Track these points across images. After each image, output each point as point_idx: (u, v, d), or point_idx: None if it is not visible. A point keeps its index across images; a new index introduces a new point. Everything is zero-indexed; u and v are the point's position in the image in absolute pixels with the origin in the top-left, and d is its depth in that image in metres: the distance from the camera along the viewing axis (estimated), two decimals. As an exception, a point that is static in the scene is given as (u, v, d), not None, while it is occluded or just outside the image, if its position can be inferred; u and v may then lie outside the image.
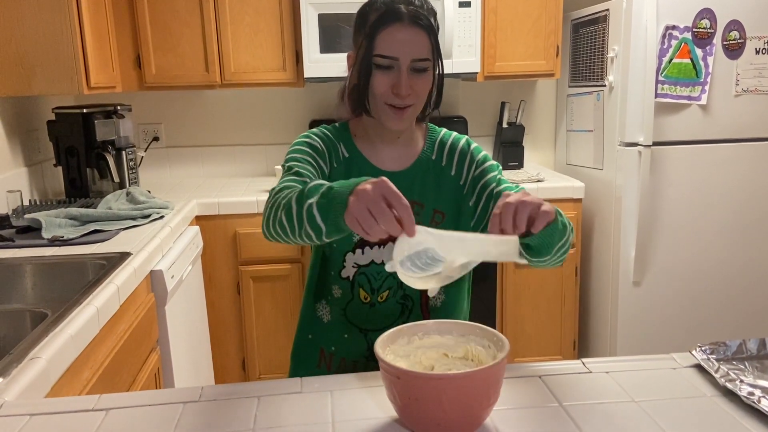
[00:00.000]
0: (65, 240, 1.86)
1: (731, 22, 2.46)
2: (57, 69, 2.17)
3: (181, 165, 3.14)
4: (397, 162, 1.23)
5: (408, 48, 1.10)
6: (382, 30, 1.10)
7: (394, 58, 1.11)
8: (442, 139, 1.27)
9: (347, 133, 1.26)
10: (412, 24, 1.10)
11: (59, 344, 1.16)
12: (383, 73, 1.12)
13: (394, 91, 1.12)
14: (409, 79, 1.12)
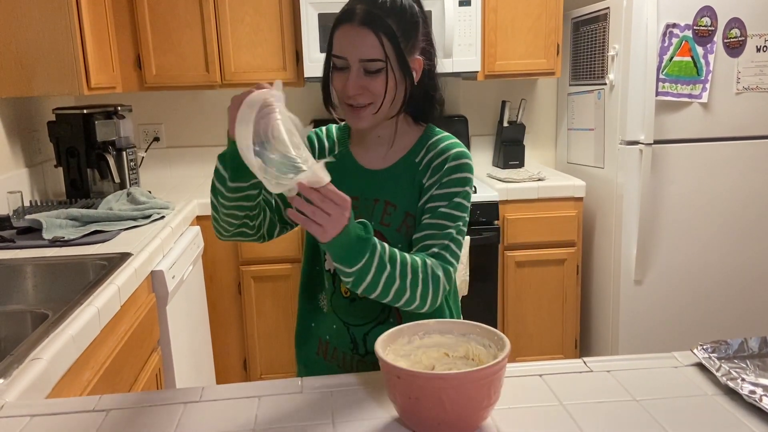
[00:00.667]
0: (66, 241, 1.86)
1: (732, 19, 2.46)
2: (57, 70, 2.17)
3: (181, 165, 3.14)
4: (379, 161, 1.23)
5: (357, 48, 1.10)
6: (336, 30, 1.13)
7: (343, 57, 1.11)
8: (434, 144, 1.21)
9: (347, 133, 1.28)
10: (362, 25, 1.09)
11: (60, 345, 1.16)
12: (338, 73, 1.13)
13: (344, 90, 1.13)
14: (362, 79, 1.11)
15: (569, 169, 3.08)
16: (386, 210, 1.20)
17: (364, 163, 1.24)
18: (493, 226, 2.62)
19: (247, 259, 2.60)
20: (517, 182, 2.72)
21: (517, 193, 2.67)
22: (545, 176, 2.80)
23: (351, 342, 1.25)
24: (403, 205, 1.20)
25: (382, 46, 1.09)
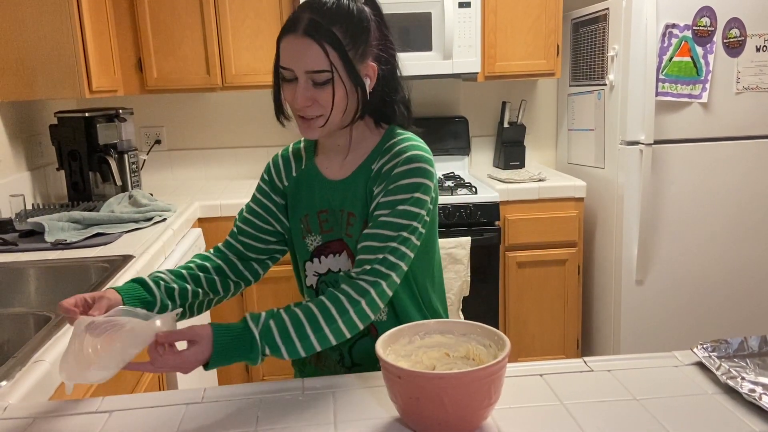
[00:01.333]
0: (68, 243, 1.86)
1: (731, 19, 2.46)
2: (59, 73, 2.18)
3: (183, 167, 3.15)
4: (340, 171, 1.20)
5: (301, 60, 1.06)
6: (281, 40, 1.09)
7: (289, 69, 1.08)
8: (389, 148, 1.15)
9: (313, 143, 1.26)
10: (305, 35, 1.05)
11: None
12: (287, 84, 1.10)
13: (292, 102, 1.11)
14: (310, 90, 1.07)
15: (570, 170, 3.08)
16: (349, 221, 1.17)
17: (327, 173, 1.21)
18: (494, 226, 2.62)
19: (248, 261, 2.60)
20: (518, 183, 2.72)
21: (517, 194, 2.67)
22: (546, 177, 2.81)
23: (338, 354, 1.24)
24: (361, 214, 1.15)
25: (328, 57, 1.05)
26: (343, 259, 1.20)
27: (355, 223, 1.16)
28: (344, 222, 1.18)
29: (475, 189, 2.65)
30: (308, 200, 1.21)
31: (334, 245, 1.20)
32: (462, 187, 2.69)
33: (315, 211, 1.20)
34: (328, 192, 1.20)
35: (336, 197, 1.18)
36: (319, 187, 1.21)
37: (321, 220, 1.20)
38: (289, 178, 1.25)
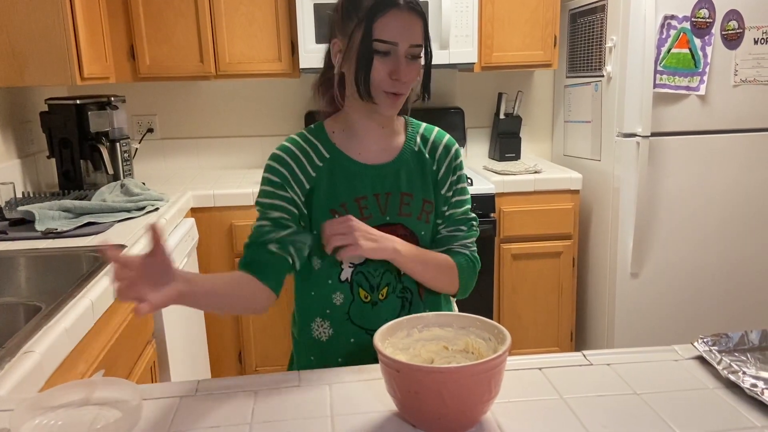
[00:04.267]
0: (59, 232, 1.84)
1: (730, 11, 2.45)
2: (50, 60, 2.14)
3: (175, 157, 3.11)
4: (381, 155, 1.22)
5: (406, 33, 1.10)
6: (381, 15, 1.09)
7: (394, 43, 1.10)
8: (424, 133, 1.27)
9: (323, 133, 1.23)
10: (409, 9, 1.10)
11: (53, 338, 1.15)
12: (381, 60, 1.11)
13: (394, 77, 1.11)
14: (406, 65, 1.12)
15: (566, 162, 3.07)
16: (403, 200, 1.20)
17: (363, 159, 1.21)
18: (489, 218, 2.61)
19: (241, 251, 2.57)
20: (514, 175, 2.71)
21: (513, 186, 2.66)
22: (542, 169, 2.79)
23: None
24: (420, 193, 1.22)
25: (424, 32, 1.12)
26: None
27: (412, 202, 1.21)
28: (395, 203, 1.20)
29: (471, 181, 2.64)
30: (345, 188, 1.19)
31: None
32: (458, 179, 2.67)
33: (353, 198, 1.19)
34: (371, 177, 1.20)
35: (381, 181, 1.20)
36: (360, 174, 1.20)
37: (361, 206, 1.19)
38: (315, 168, 1.20)
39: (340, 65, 1.16)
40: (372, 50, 1.10)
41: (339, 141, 1.22)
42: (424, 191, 1.22)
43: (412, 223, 1.21)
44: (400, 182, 1.21)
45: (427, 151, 1.24)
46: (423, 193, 1.22)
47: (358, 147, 1.22)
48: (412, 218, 1.21)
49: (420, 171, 1.23)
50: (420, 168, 1.23)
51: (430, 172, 1.24)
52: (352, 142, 1.22)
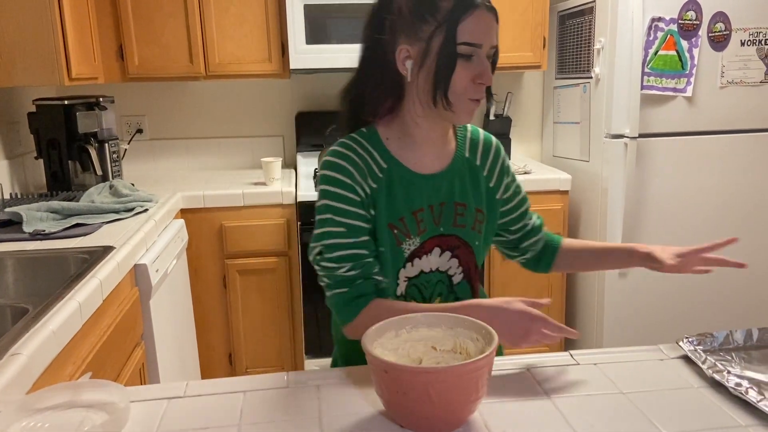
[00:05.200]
0: (47, 234, 1.82)
1: (717, 13, 2.47)
2: (37, 60, 2.13)
3: (165, 157, 3.10)
4: (435, 163, 1.16)
5: (487, 35, 1.05)
6: (465, 17, 1.03)
7: (478, 45, 1.04)
8: (472, 136, 1.22)
9: (379, 140, 1.15)
10: (489, 11, 1.05)
11: (41, 340, 1.14)
12: (465, 65, 1.05)
13: (478, 80, 1.05)
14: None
15: (555, 163, 3.08)
16: (457, 210, 1.17)
17: (417, 169, 1.15)
18: (479, 219, 2.61)
19: (232, 252, 2.58)
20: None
21: (503, 187, 2.66)
22: (531, 169, 2.81)
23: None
24: (472, 202, 1.18)
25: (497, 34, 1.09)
26: (434, 257, 1.16)
27: (465, 212, 1.17)
28: (450, 213, 1.16)
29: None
30: (405, 201, 1.13)
31: (427, 245, 1.15)
32: (447, 179, 2.68)
33: (410, 212, 1.14)
34: (427, 188, 1.15)
35: (436, 191, 1.15)
36: (417, 185, 1.14)
37: (418, 219, 1.14)
38: (376, 180, 1.12)
39: (416, 73, 1.08)
40: (456, 54, 1.04)
41: (394, 149, 1.14)
42: (477, 200, 1.19)
43: (466, 234, 1.17)
44: (453, 192, 1.16)
45: (478, 158, 1.21)
46: (476, 203, 1.19)
47: (414, 156, 1.15)
48: (466, 229, 1.17)
49: (472, 179, 1.19)
50: (472, 176, 1.19)
51: (482, 180, 1.20)
52: (408, 151, 1.15)
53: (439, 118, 1.11)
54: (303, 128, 3.02)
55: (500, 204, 1.24)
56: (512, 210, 1.27)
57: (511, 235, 1.32)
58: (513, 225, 1.29)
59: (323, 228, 1.11)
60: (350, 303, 1.09)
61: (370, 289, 1.10)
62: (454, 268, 1.19)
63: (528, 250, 1.33)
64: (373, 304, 1.08)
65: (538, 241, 1.33)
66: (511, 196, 1.26)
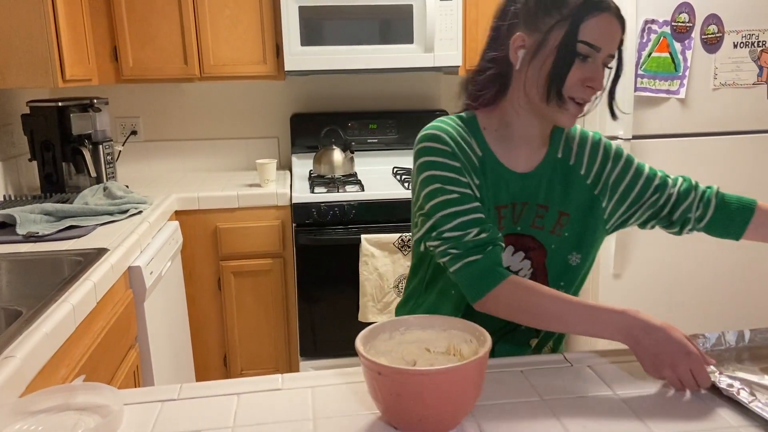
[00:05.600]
0: (40, 236, 1.82)
1: (709, 16, 2.48)
2: (31, 62, 2.12)
3: (159, 159, 3.10)
4: (526, 163, 1.15)
5: (610, 41, 1.04)
6: (591, 17, 1.01)
7: (597, 48, 1.03)
8: (568, 135, 1.19)
9: (476, 126, 1.15)
10: (617, 18, 1.04)
11: (34, 342, 1.14)
12: (578, 65, 1.04)
13: (588, 83, 1.04)
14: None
15: (549, 164, 3.09)
16: (537, 213, 1.15)
17: (509, 164, 1.14)
18: (474, 220, 2.62)
19: (227, 254, 2.57)
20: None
21: (497, 188, 2.67)
22: (526, 171, 2.81)
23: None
24: (556, 204, 1.15)
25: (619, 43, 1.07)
26: (506, 255, 1.14)
27: (546, 214, 1.15)
28: (530, 214, 1.14)
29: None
30: (492, 194, 1.12)
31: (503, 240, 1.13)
32: (442, 181, 2.69)
33: (494, 206, 1.12)
34: (515, 185, 1.13)
35: (525, 190, 1.14)
36: (506, 181, 1.13)
37: (501, 215, 1.13)
38: (472, 164, 1.11)
39: (527, 62, 1.07)
40: (575, 51, 1.02)
41: (491, 140, 1.14)
42: (562, 203, 1.15)
43: (543, 236, 1.15)
44: (538, 193, 1.15)
45: (572, 157, 1.17)
46: (560, 206, 1.15)
47: (508, 151, 1.14)
48: (544, 231, 1.15)
49: (563, 181, 1.16)
50: (563, 177, 1.16)
51: (577, 180, 1.16)
52: (503, 145, 1.14)
53: (540, 115, 1.10)
54: (298, 130, 3.02)
55: (603, 198, 1.17)
56: (640, 192, 1.19)
57: (659, 214, 1.22)
58: (641, 206, 1.20)
59: (436, 199, 1.08)
60: (487, 274, 1.04)
61: (500, 257, 1.06)
62: (525, 270, 1.17)
63: (686, 218, 1.22)
64: (512, 278, 1.04)
65: (692, 205, 1.21)
66: (631, 181, 1.18)
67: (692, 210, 1.20)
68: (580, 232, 1.17)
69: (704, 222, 1.21)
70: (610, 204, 1.19)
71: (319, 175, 2.80)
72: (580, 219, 1.17)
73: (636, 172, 1.20)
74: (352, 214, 2.52)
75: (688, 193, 1.21)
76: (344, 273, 2.55)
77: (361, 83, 3.10)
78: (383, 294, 2.52)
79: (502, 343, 1.20)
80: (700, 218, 1.21)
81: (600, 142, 1.20)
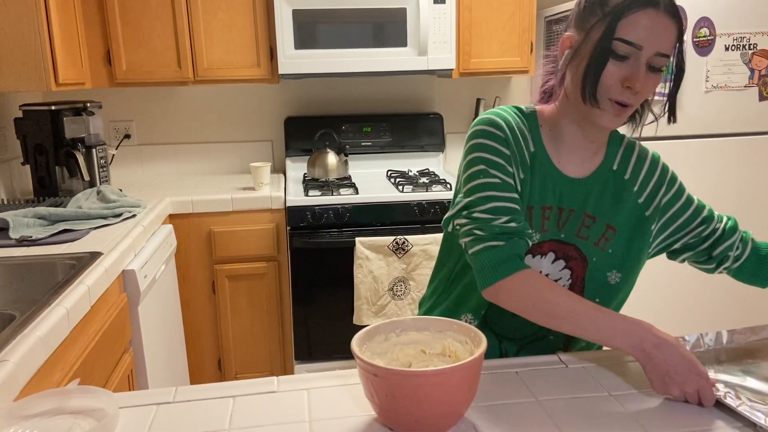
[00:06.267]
0: (34, 240, 1.81)
1: (701, 18, 2.50)
2: (24, 65, 2.12)
3: (153, 163, 3.09)
4: (579, 168, 1.12)
5: (655, 39, 0.97)
6: (632, 13, 0.97)
7: (638, 46, 0.98)
8: (627, 148, 1.17)
9: (535, 121, 1.13)
10: (667, 13, 0.97)
11: (28, 346, 1.13)
12: (617, 63, 1.00)
13: (626, 84, 1.00)
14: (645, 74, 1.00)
15: (543, 167, 3.10)
16: (584, 222, 1.12)
17: (560, 166, 1.12)
18: (468, 223, 2.62)
19: (221, 257, 2.57)
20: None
21: (491, 191, 2.68)
22: (520, 173, 2.82)
23: (500, 355, 1.19)
24: (605, 217, 1.13)
25: (675, 41, 1.00)
26: (547, 261, 1.12)
27: (593, 225, 1.12)
28: (576, 222, 1.12)
29: (450, 185, 2.65)
30: (539, 192, 1.10)
31: (545, 246, 1.12)
32: (437, 184, 2.69)
33: (540, 206, 1.11)
34: (563, 189, 1.11)
35: (573, 196, 1.12)
36: (554, 182, 1.11)
37: (545, 216, 1.11)
38: (522, 158, 1.10)
39: (567, 62, 1.06)
40: (610, 50, 0.99)
41: (546, 138, 1.13)
42: (611, 216, 1.13)
43: (587, 247, 1.13)
44: (587, 202, 1.12)
45: (628, 172, 1.15)
46: (609, 218, 1.13)
47: (559, 152, 1.12)
48: (588, 242, 1.13)
49: (615, 193, 1.13)
50: (615, 190, 1.13)
51: (629, 196, 1.14)
52: (557, 146, 1.12)
53: (583, 116, 1.07)
54: (292, 133, 3.02)
55: (652, 220, 1.16)
56: (686, 222, 1.18)
57: (699, 247, 1.21)
58: (695, 235, 1.19)
59: (476, 180, 1.07)
60: (505, 262, 1.02)
61: (523, 251, 1.05)
62: (564, 280, 1.14)
63: (725, 255, 1.19)
64: (528, 271, 1.03)
65: (734, 245, 1.19)
66: (680, 209, 1.17)
67: (733, 248, 1.19)
68: (624, 251, 1.15)
69: (739, 263, 1.20)
70: (656, 227, 1.18)
71: (314, 178, 2.80)
72: (626, 237, 1.15)
73: (687, 200, 1.19)
74: (346, 217, 2.52)
75: (734, 231, 1.19)
76: (339, 276, 2.55)
77: (355, 86, 3.10)
78: (378, 297, 2.52)
79: (524, 353, 1.19)
80: (737, 258, 1.19)
81: (658, 162, 1.18)
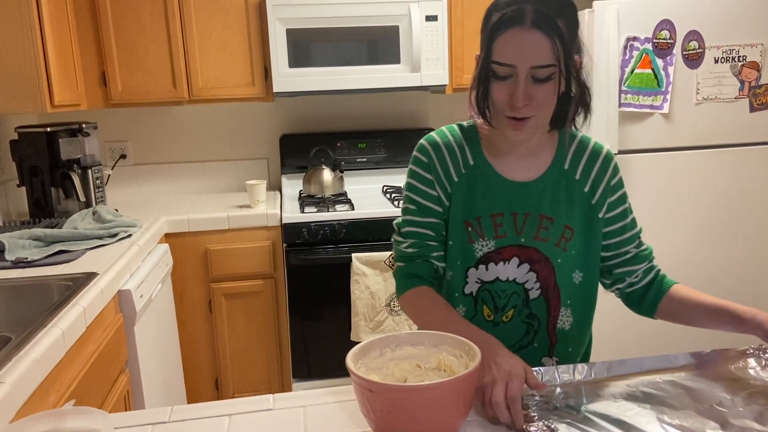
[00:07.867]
0: (29, 261, 1.81)
1: (690, 32, 2.53)
2: (19, 87, 2.13)
3: (149, 182, 3.10)
4: (527, 172, 1.15)
5: (526, 54, 0.99)
6: (500, 34, 1.01)
7: (511, 65, 1.01)
8: (578, 148, 1.18)
9: (476, 135, 1.18)
10: (534, 27, 0.99)
11: (23, 368, 1.13)
12: (501, 83, 1.03)
13: (511, 101, 1.03)
14: (529, 88, 1.01)
15: (537, 180, 3.11)
16: (542, 224, 1.14)
17: (507, 174, 1.15)
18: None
19: (217, 276, 2.57)
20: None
21: (486, 205, 2.69)
22: (514, 187, 2.83)
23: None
24: (562, 217, 1.15)
25: (555, 51, 0.99)
26: (512, 266, 1.15)
27: (551, 226, 1.14)
28: (533, 225, 1.14)
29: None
30: (484, 202, 1.14)
31: (506, 251, 1.14)
32: (432, 199, 2.70)
33: (489, 214, 1.14)
34: (510, 195, 1.14)
35: (521, 200, 1.14)
36: (500, 189, 1.14)
37: (496, 223, 1.14)
38: (458, 173, 1.15)
39: (472, 82, 1.10)
40: (490, 72, 1.03)
41: (487, 150, 1.17)
42: (568, 216, 1.15)
43: (548, 249, 1.15)
44: (542, 204, 1.14)
45: (578, 172, 1.17)
46: (566, 219, 1.15)
47: (503, 160, 1.16)
48: (548, 244, 1.15)
49: (567, 193, 1.16)
50: (567, 190, 1.16)
51: (580, 196, 1.16)
52: (498, 155, 1.16)
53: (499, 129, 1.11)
54: (287, 150, 3.04)
55: (602, 223, 1.18)
56: (610, 233, 1.20)
57: (606, 261, 1.23)
58: (609, 249, 1.22)
59: (403, 205, 1.21)
60: (403, 279, 1.17)
61: (427, 272, 1.15)
62: (531, 283, 1.17)
63: (622, 278, 1.23)
64: (423, 289, 1.14)
65: (636, 272, 1.23)
66: (613, 218, 1.19)
67: (633, 275, 1.23)
68: (584, 251, 1.18)
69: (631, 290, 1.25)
70: (602, 218, 1.20)
71: (309, 194, 2.81)
72: (582, 236, 1.17)
73: (623, 211, 1.21)
74: (342, 233, 2.52)
75: (643, 260, 1.24)
76: (335, 292, 2.55)
77: (350, 103, 3.12)
78: (375, 313, 2.52)
79: None
80: (632, 284, 1.24)
81: (608, 166, 1.19)
